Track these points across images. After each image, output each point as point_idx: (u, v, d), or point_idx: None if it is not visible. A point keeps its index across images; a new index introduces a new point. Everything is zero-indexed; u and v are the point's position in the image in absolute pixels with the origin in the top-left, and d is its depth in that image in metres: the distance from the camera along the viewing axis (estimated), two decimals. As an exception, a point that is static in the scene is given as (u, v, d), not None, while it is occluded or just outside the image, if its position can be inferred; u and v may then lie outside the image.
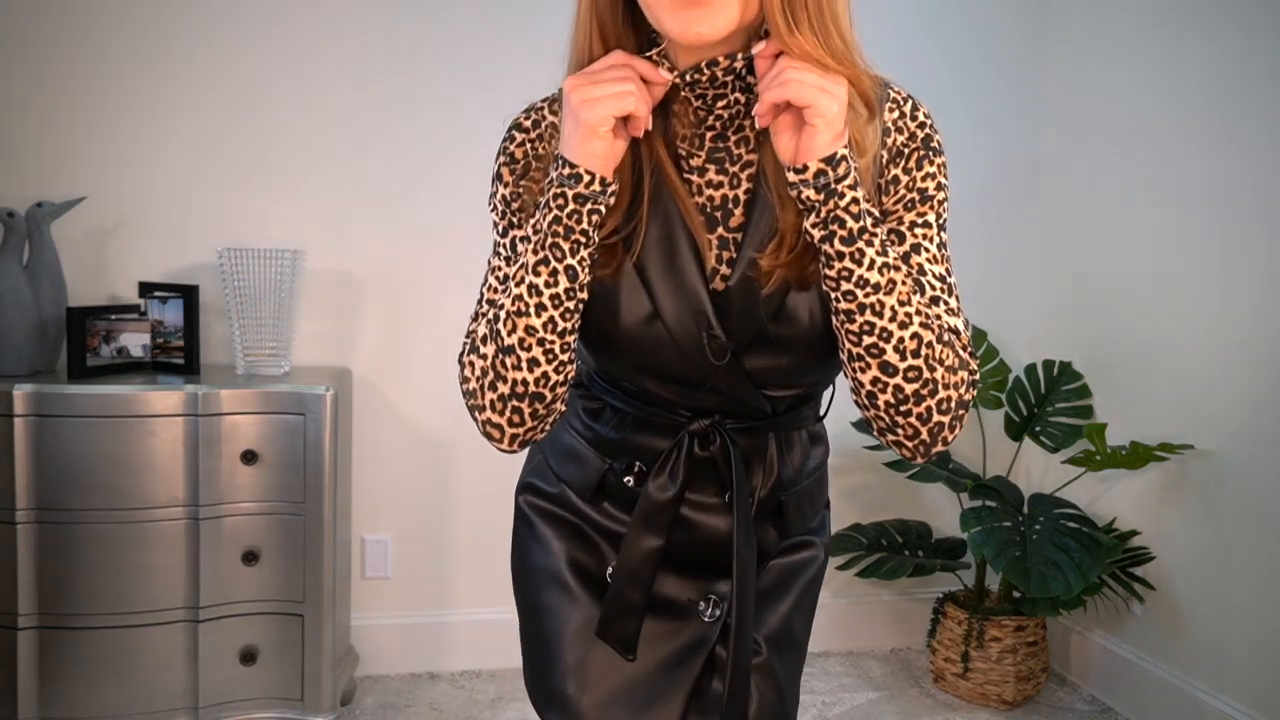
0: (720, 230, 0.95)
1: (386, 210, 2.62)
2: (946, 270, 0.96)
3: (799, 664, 1.13)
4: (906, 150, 0.94)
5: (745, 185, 0.95)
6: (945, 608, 2.70)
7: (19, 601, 2.08)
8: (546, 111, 1.01)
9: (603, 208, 0.91)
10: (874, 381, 0.91)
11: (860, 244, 0.86)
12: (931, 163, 0.95)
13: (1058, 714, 2.61)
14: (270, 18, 2.52)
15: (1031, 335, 2.95)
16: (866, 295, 0.87)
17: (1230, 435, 2.29)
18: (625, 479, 1.05)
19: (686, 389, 0.99)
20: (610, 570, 1.07)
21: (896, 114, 0.94)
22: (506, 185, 1.01)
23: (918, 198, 0.95)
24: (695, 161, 0.96)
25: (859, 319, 0.88)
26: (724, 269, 0.95)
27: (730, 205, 0.95)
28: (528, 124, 1.01)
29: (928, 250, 0.95)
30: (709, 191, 0.95)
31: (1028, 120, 2.93)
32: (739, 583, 1.00)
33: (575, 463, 1.09)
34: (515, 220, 1.01)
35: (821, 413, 1.12)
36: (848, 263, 0.87)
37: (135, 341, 2.33)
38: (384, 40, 2.58)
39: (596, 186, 0.89)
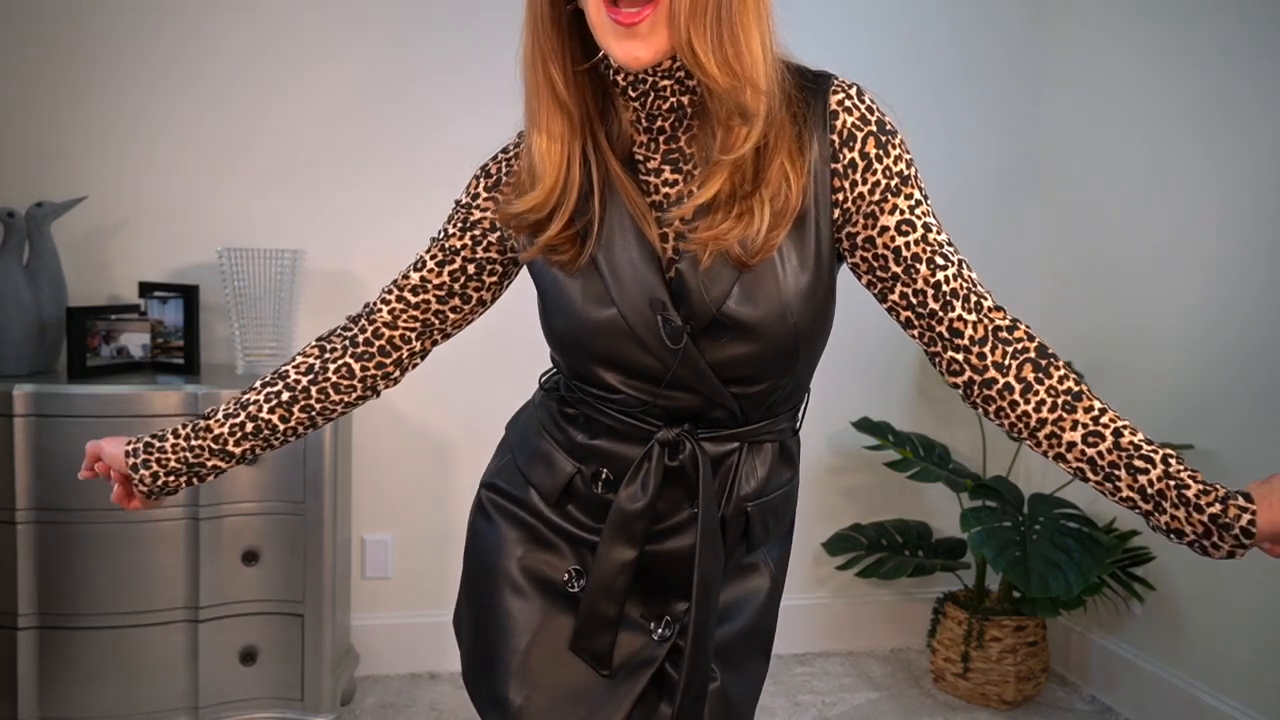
0: (677, 224, 0.98)
1: (386, 210, 2.62)
2: (946, 234, 1.01)
3: (755, 686, 1.13)
4: (859, 132, 0.98)
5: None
6: (945, 608, 2.70)
7: (19, 601, 2.08)
8: (512, 150, 1.10)
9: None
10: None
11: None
12: (893, 145, 0.99)
13: (1058, 714, 2.61)
14: (270, 18, 2.52)
15: (1031, 335, 2.95)
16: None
17: (1230, 435, 2.29)
18: (594, 485, 1.06)
19: (650, 383, 1.00)
20: (566, 577, 1.08)
21: (841, 95, 0.98)
22: (472, 195, 1.11)
23: (898, 182, 0.99)
24: (652, 164, 1.01)
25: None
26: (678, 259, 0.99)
27: (685, 200, 0.98)
28: (501, 154, 1.12)
29: (932, 225, 1.00)
30: (665, 190, 1.00)
31: (1027, 121, 2.93)
32: (699, 596, 1.00)
33: (545, 466, 1.10)
34: (455, 228, 1.11)
35: (796, 426, 1.12)
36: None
37: (135, 341, 2.33)
38: (384, 41, 2.58)
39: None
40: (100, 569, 2.10)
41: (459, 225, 1.11)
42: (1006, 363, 0.99)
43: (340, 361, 1.15)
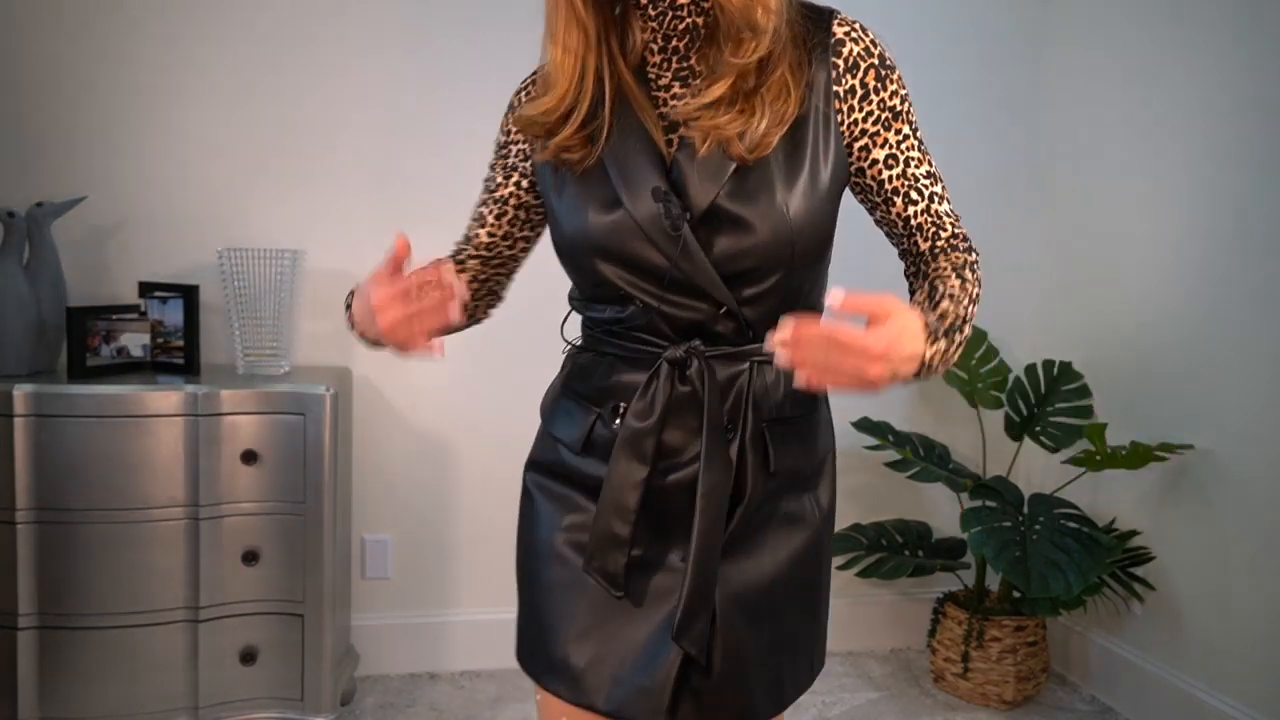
0: (681, 131, 1.05)
1: (386, 210, 2.62)
2: (930, 164, 1.11)
3: (786, 643, 1.12)
4: (862, 63, 1.07)
5: None
6: (945, 608, 2.70)
7: (19, 601, 2.08)
8: (529, 79, 1.20)
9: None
10: None
11: (944, 342, 0.98)
12: (891, 79, 1.09)
13: (1058, 714, 2.61)
14: (269, 19, 2.52)
15: (1031, 335, 2.96)
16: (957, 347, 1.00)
17: (1230, 435, 2.29)
18: (612, 423, 1.10)
19: (655, 283, 1.05)
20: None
21: (847, 28, 1.08)
22: (505, 131, 1.21)
23: (890, 115, 1.08)
24: (663, 81, 1.09)
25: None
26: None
27: (691, 100, 1.06)
28: (523, 86, 1.21)
29: (914, 157, 1.10)
30: (674, 103, 1.08)
31: (1027, 121, 2.93)
32: (703, 506, 1.03)
33: (567, 419, 1.15)
34: (500, 175, 1.22)
35: None
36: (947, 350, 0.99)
37: (135, 341, 2.33)
38: (383, 41, 2.58)
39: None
40: (100, 569, 2.10)
41: (502, 171, 1.22)
42: (934, 271, 1.08)
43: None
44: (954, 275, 1.04)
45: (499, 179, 1.22)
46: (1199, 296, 2.38)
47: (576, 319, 1.21)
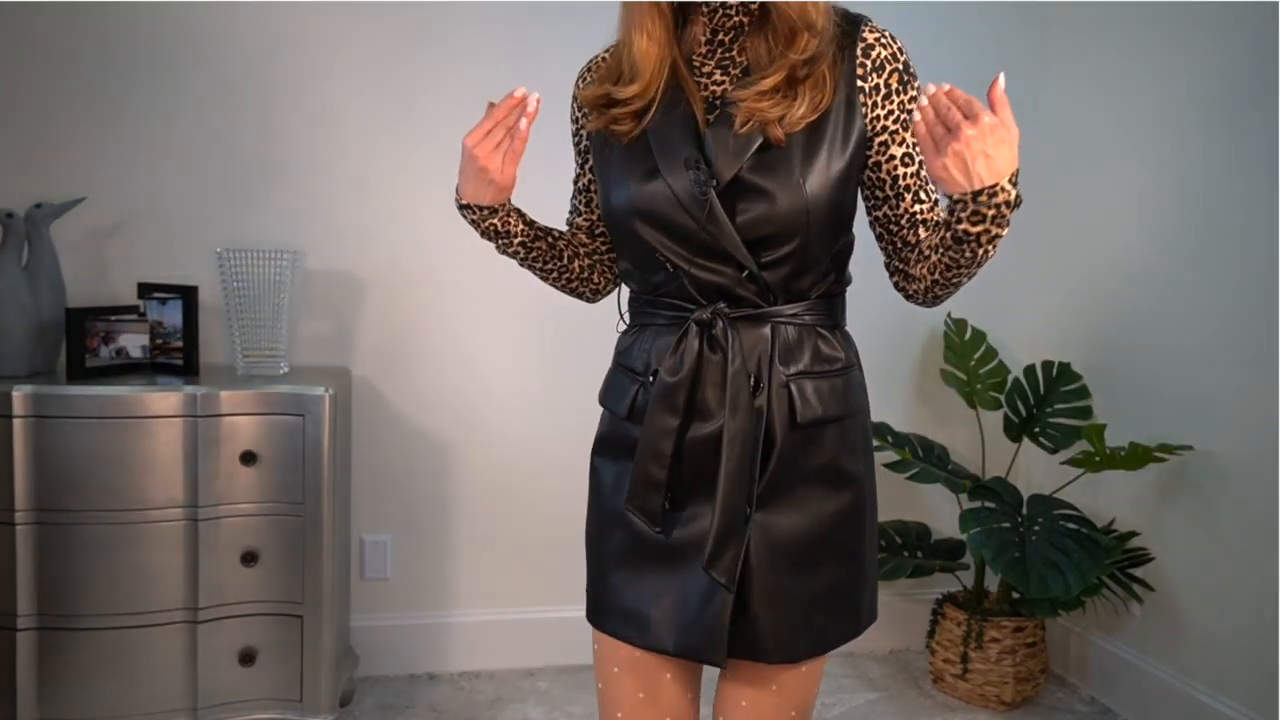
0: (717, 110, 1.20)
1: (386, 210, 2.62)
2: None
3: (824, 598, 1.21)
4: (889, 65, 1.19)
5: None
6: (944, 609, 2.70)
7: (18, 602, 2.08)
8: (601, 57, 1.32)
9: (496, 224, 1.27)
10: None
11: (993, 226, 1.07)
12: (912, 86, 1.21)
13: (1057, 715, 2.61)
14: (268, 18, 2.52)
15: (1031, 336, 2.96)
16: (976, 251, 1.10)
17: (1230, 435, 2.29)
18: (651, 383, 1.22)
19: (685, 245, 1.18)
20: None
21: (877, 35, 1.20)
22: (573, 119, 1.35)
23: (909, 118, 1.19)
24: (706, 68, 1.23)
25: (962, 267, 1.13)
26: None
27: (749, 87, 1.18)
28: (587, 71, 1.34)
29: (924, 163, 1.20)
30: (713, 87, 1.22)
31: (1027, 121, 2.92)
32: (729, 452, 1.14)
33: (617, 391, 1.29)
34: (579, 166, 1.36)
35: (835, 322, 1.25)
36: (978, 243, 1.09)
37: (134, 342, 2.33)
38: (383, 41, 2.58)
39: (478, 215, 1.27)
40: (100, 569, 2.10)
41: (579, 161, 1.36)
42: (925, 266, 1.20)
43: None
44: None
45: (577, 169, 1.37)
46: (1199, 297, 2.38)
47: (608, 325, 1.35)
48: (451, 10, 2.59)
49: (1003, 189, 1.03)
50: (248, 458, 2.16)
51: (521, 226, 1.30)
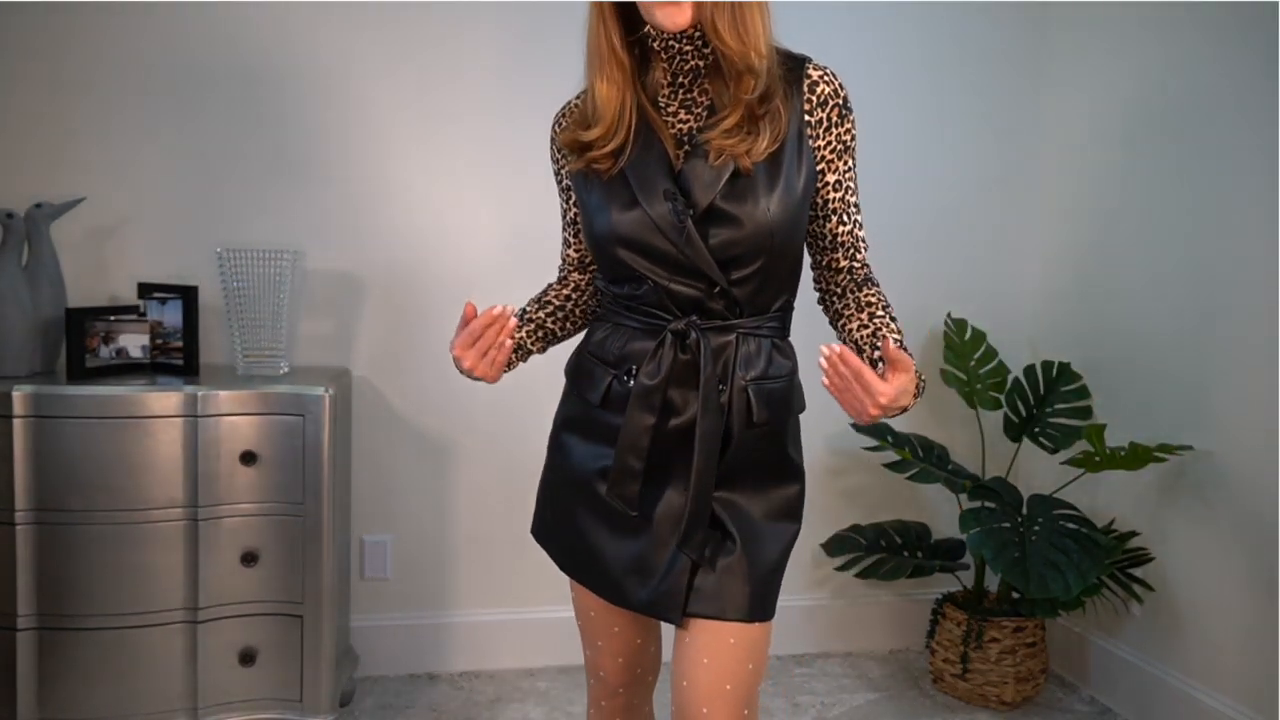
0: (686, 146, 1.33)
1: (386, 211, 2.62)
2: (858, 197, 1.39)
3: (780, 543, 1.39)
4: (830, 101, 1.33)
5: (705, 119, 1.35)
6: (944, 609, 2.70)
7: (18, 602, 2.08)
8: (573, 103, 1.44)
9: (507, 371, 1.40)
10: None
11: (919, 399, 1.25)
12: (848, 119, 1.35)
13: (1057, 715, 2.61)
14: (268, 19, 2.52)
15: (1031, 336, 2.96)
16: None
17: (1229, 435, 2.29)
18: (627, 382, 1.36)
19: (663, 266, 1.31)
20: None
21: (820, 73, 1.34)
22: (553, 159, 1.47)
23: (843, 148, 1.35)
24: (671, 108, 1.36)
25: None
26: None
27: (712, 129, 1.32)
28: (562, 116, 1.46)
29: (852, 187, 1.38)
30: (679, 125, 1.35)
31: (1027, 121, 2.93)
32: (700, 448, 1.30)
33: (589, 380, 1.41)
34: (564, 202, 1.49)
35: (785, 332, 1.42)
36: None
37: (134, 342, 2.33)
38: (385, 41, 2.58)
39: None
40: (100, 569, 2.10)
41: (564, 198, 1.48)
42: (845, 290, 1.41)
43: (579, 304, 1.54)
44: (890, 320, 1.32)
45: (563, 205, 1.49)
46: (1198, 297, 2.38)
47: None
48: (453, 11, 2.59)
49: (911, 404, 1.21)
50: (248, 458, 2.16)
51: (525, 340, 1.45)
